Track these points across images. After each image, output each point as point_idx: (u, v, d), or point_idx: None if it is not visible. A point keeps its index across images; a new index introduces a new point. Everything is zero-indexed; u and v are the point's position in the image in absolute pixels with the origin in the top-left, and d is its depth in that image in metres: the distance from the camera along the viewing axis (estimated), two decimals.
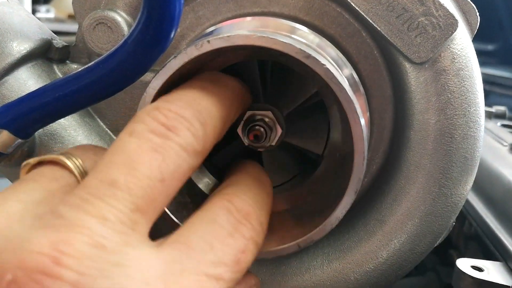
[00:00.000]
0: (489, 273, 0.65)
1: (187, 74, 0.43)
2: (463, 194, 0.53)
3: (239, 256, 0.35)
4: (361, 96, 0.49)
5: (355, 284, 0.54)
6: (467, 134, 0.51)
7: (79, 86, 0.43)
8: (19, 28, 0.55)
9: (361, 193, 0.56)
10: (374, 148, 0.55)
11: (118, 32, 0.53)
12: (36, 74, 0.56)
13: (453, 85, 0.51)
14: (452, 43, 0.51)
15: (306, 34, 0.48)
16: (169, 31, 0.39)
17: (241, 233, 0.36)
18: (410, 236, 0.53)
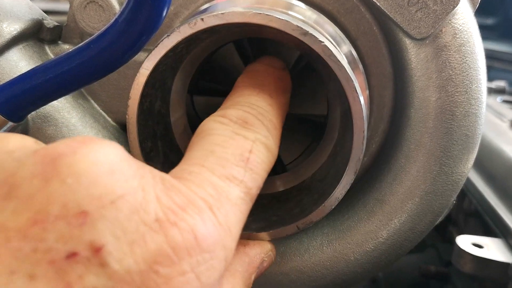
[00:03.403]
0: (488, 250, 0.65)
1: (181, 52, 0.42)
2: (464, 173, 0.53)
3: (246, 155, 0.36)
4: (360, 73, 0.48)
5: (355, 264, 0.54)
6: (468, 112, 0.50)
7: (71, 67, 0.42)
8: (9, 8, 0.54)
9: (361, 173, 0.56)
10: (374, 127, 0.54)
11: (110, 11, 0.52)
12: (28, 55, 0.54)
13: (454, 61, 0.50)
14: (453, 18, 0.49)
15: (303, 10, 0.47)
16: (161, 9, 0.38)
17: (242, 135, 0.37)
18: (410, 215, 0.53)
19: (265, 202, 0.50)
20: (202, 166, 0.34)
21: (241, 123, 0.38)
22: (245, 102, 0.40)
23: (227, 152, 0.35)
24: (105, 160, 0.28)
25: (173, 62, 0.46)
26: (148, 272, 0.26)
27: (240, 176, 0.35)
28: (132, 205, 0.28)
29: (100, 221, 0.26)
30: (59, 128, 0.53)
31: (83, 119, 0.55)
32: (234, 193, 0.33)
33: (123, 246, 0.26)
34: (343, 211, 0.55)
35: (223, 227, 0.31)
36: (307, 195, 0.48)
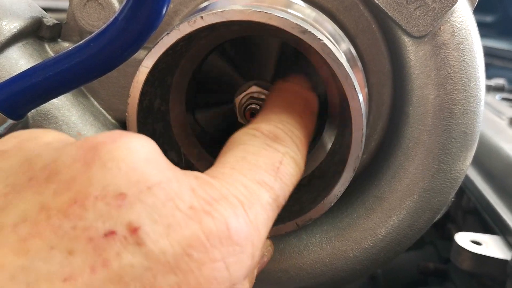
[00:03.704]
0: (487, 247, 0.66)
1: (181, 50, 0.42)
2: (462, 170, 0.53)
3: (277, 165, 0.37)
4: (359, 71, 0.48)
5: (354, 261, 0.54)
6: (466, 109, 0.51)
7: (70, 65, 0.42)
8: (8, 6, 0.54)
9: (360, 170, 0.56)
10: (373, 125, 0.54)
11: (109, 9, 0.52)
12: (27, 53, 0.54)
13: (453, 59, 0.50)
14: (452, 15, 0.50)
15: (303, 8, 0.47)
16: (161, 7, 0.38)
17: (273, 147, 0.38)
18: (409, 212, 0.53)
19: None
20: (233, 169, 0.35)
21: (272, 137, 0.39)
22: (276, 118, 0.42)
23: (258, 160, 0.37)
24: (142, 150, 0.30)
25: (172, 60, 0.46)
26: (182, 255, 0.28)
27: (271, 182, 0.36)
28: (168, 192, 0.29)
29: (137, 204, 0.28)
30: (59, 126, 0.53)
31: (83, 117, 0.55)
32: (264, 197, 0.35)
33: (159, 228, 0.27)
34: (342, 208, 0.55)
35: (253, 225, 0.32)
36: (306, 192, 0.48)
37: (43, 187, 0.28)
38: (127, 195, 0.28)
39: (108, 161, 0.28)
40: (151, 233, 0.27)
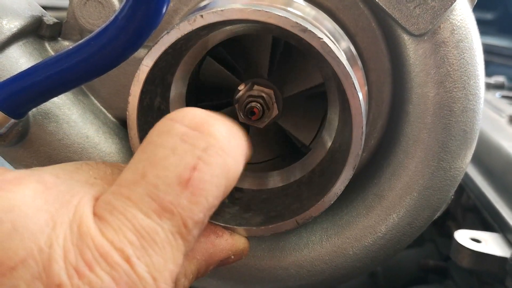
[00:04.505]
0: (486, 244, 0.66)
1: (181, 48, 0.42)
2: (462, 168, 0.53)
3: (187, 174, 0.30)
4: (359, 69, 0.49)
5: (353, 258, 0.54)
6: (466, 107, 0.51)
7: (71, 63, 0.42)
8: (9, 5, 0.54)
9: (360, 168, 0.56)
10: (373, 123, 0.54)
11: (110, 8, 0.52)
12: (28, 52, 0.54)
13: (452, 57, 0.50)
14: (451, 14, 0.50)
15: (303, 6, 0.47)
16: (161, 6, 0.38)
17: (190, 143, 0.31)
18: (409, 210, 0.53)
19: (264, 197, 0.50)
20: (128, 199, 0.30)
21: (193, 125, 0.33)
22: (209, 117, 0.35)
23: (159, 176, 0.30)
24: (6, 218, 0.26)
25: (172, 59, 0.46)
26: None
27: (173, 207, 0.30)
28: (34, 270, 0.25)
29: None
30: (59, 125, 0.54)
31: (83, 115, 0.55)
32: (162, 232, 0.29)
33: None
34: (342, 206, 0.55)
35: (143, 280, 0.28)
36: (307, 190, 0.48)
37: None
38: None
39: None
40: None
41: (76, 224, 0.28)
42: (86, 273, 0.26)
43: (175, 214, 0.30)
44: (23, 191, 0.28)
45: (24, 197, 0.28)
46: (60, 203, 0.29)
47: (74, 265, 0.26)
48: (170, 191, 0.30)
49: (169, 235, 0.30)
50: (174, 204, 0.30)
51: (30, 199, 0.28)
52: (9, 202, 0.27)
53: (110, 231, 0.28)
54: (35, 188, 0.28)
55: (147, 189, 0.30)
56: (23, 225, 0.26)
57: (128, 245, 0.28)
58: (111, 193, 0.31)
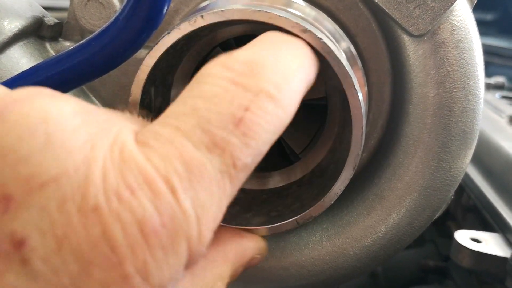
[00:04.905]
0: (487, 244, 0.66)
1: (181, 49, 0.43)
2: (462, 168, 0.53)
3: (240, 114, 0.28)
4: (358, 70, 0.49)
5: (354, 258, 0.54)
6: (466, 108, 0.51)
7: (71, 64, 0.42)
8: (10, 5, 0.54)
9: (360, 168, 0.56)
10: (373, 123, 0.55)
11: (110, 8, 0.52)
12: (29, 52, 0.55)
13: (452, 57, 0.50)
14: (451, 14, 0.50)
15: (303, 7, 0.47)
16: (161, 6, 0.38)
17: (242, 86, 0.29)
18: (409, 210, 0.53)
19: (265, 197, 0.50)
20: (176, 128, 0.27)
21: (247, 69, 0.30)
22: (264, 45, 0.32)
23: (212, 110, 0.28)
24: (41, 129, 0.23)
25: (173, 59, 0.46)
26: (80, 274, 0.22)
27: (224, 143, 0.27)
28: (67, 190, 0.23)
29: (25, 210, 0.22)
30: None
31: None
32: (211, 167, 0.26)
33: (50, 241, 0.22)
34: (342, 206, 0.55)
35: (187, 216, 0.25)
36: (307, 190, 0.49)
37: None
38: (13, 198, 0.22)
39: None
40: (39, 248, 0.22)
41: (118, 147, 0.25)
42: (127, 198, 0.23)
43: (225, 152, 0.27)
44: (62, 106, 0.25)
45: (63, 111, 0.24)
46: (100, 128, 0.26)
47: (114, 188, 0.23)
48: (222, 127, 0.27)
49: (217, 173, 0.27)
50: (225, 141, 0.27)
51: (69, 115, 0.25)
52: (45, 113, 0.24)
53: (156, 157, 0.25)
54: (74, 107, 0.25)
55: (199, 121, 0.27)
56: (59, 140, 0.23)
57: (175, 175, 0.25)
58: (157, 123, 0.28)
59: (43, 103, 0.24)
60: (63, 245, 0.22)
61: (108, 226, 0.23)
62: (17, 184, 0.22)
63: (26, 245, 0.22)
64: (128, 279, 0.23)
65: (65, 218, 0.22)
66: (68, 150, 0.23)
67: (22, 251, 0.22)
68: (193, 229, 0.25)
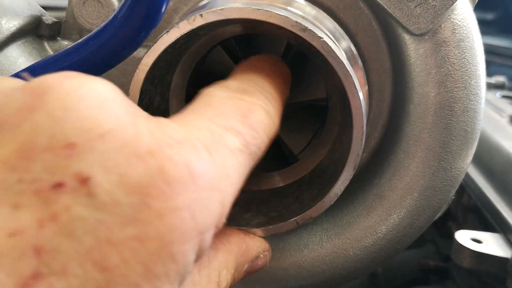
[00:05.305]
0: (487, 245, 0.66)
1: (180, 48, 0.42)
2: (463, 168, 0.53)
3: (245, 112, 0.35)
4: (359, 69, 0.48)
5: (354, 259, 0.54)
6: (467, 107, 0.51)
7: (69, 63, 0.42)
8: (8, 4, 0.54)
9: (360, 168, 0.56)
10: (373, 123, 0.54)
11: (109, 7, 0.52)
12: (27, 51, 0.54)
13: (453, 56, 0.50)
14: (452, 13, 0.49)
15: (303, 6, 0.47)
16: (160, 5, 0.38)
17: (241, 98, 0.36)
18: (409, 210, 0.53)
19: (265, 198, 0.50)
20: (198, 114, 0.33)
21: (240, 90, 0.37)
22: (245, 78, 0.39)
23: (225, 107, 0.34)
24: (94, 95, 0.28)
25: (172, 58, 0.46)
26: (139, 205, 0.25)
27: (239, 128, 0.33)
28: (123, 138, 0.27)
29: (88, 153, 0.26)
30: None
31: None
32: (232, 142, 0.32)
33: (113, 177, 0.25)
34: (343, 206, 0.55)
35: (220, 169, 0.30)
36: (307, 190, 0.48)
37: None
38: (76, 145, 0.26)
39: (56, 109, 0.26)
40: (103, 182, 0.25)
41: (153, 119, 0.29)
42: (176, 146, 0.28)
43: (240, 134, 0.33)
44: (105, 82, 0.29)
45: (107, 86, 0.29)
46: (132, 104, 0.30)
47: (163, 139, 0.28)
48: (235, 118, 0.34)
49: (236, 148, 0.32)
50: (240, 127, 0.33)
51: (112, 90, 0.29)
52: (95, 85, 0.28)
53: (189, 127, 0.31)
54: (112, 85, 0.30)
55: (216, 112, 0.33)
56: (109, 105, 0.28)
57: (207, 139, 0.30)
58: (179, 114, 0.33)
59: (92, 79, 0.29)
60: (124, 179, 0.25)
61: (163, 165, 0.26)
62: (79, 134, 0.26)
63: (91, 181, 0.25)
64: (180, 211, 0.26)
65: (125, 159, 0.26)
66: (117, 113, 0.28)
67: (88, 185, 0.25)
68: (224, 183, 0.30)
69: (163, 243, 0.26)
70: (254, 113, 0.35)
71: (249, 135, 0.34)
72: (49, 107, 0.26)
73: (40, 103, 0.26)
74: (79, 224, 0.24)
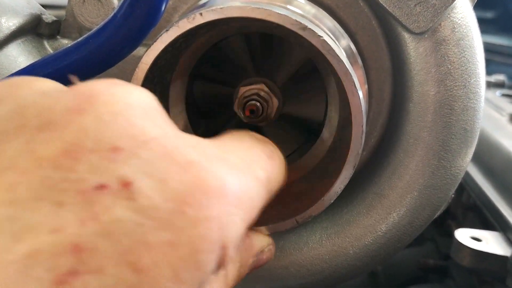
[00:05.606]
0: (487, 243, 0.66)
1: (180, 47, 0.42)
2: (462, 166, 0.53)
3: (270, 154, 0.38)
4: (359, 68, 0.48)
5: (353, 257, 0.54)
6: (467, 106, 0.51)
7: (69, 62, 0.42)
8: (7, 3, 0.54)
9: (360, 167, 0.56)
10: (373, 121, 0.54)
11: (108, 6, 0.52)
12: (27, 50, 0.54)
13: (453, 55, 0.50)
14: (452, 12, 0.49)
15: (302, 4, 0.47)
16: (159, 3, 0.38)
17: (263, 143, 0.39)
18: (409, 209, 0.53)
19: None
20: (233, 143, 0.36)
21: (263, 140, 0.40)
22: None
23: (254, 144, 0.37)
24: (140, 103, 0.29)
25: (171, 57, 0.46)
26: (175, 211, 0.27)
27: (264, 163, 0.36)
28: (165, 147, 0.28)
29: (132, 158, 0.27)
30: None
31: None
32: (259, 172, 0.34)
33: (153, 183, 0.27)
34: (342, 205, 0.55)
35: (247, 190, 0.32)
36: (306, 189, 0.48)
37: (34, 135, 0.27)
38: (121, 149, 0.27)
39: (105, 113, 0.27)
40: (144, 188, 0.26)
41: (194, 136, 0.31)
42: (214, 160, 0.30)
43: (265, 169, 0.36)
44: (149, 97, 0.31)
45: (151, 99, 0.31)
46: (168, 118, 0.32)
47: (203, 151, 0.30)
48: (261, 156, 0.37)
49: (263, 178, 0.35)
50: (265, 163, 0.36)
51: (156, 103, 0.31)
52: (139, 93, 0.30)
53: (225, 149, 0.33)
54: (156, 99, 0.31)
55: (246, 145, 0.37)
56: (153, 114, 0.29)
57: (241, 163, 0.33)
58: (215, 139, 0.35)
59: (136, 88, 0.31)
60: (164, 187, 0.27)
61: (202, 176, 0.28)
62: (125, 139, 0.27)
63: (133, 185, 0.26)
64: (211, 222, 0.28)
65: (166, 167, 0.27)
66: (160, 124, 0.29)
67: (129, 189, 0.26)
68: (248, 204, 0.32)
69: (192, 250, 0.27)
70: (274, 157, 0.38)
71: (272, 172, 0.37)
72: (98, 110, 0.27)
73: (89, 106, 0.27)
74: (118, 225, 0.25)
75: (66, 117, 0.27)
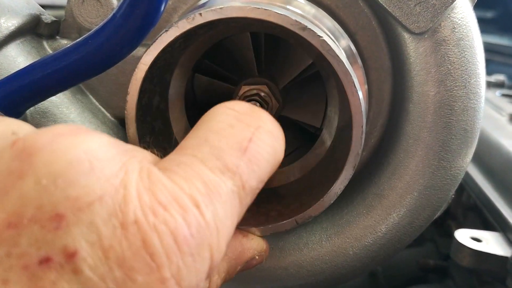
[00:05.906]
0: (487, 244, 0.66)
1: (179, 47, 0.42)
2: (462, 167, 0.53)
3: (245, 144, 0.33)
4: (359, 68, 0.48)
5: (353, 258, 0.54)
6: (467, 106, 0.50)
7: (69, 62, 0.42)
8: (7, 3, 0.54)
9: (360, 167, 0.56)
10: (373, 122, 0.54)
11: (108, 6, 0.52)
12: (26, 50, 0.54)
13: (453, 55, 0.50)
14: (452, 12, 0.49)
15: (302, 4, 0.47)
16: (159, 4, 0.38)
17: (244, 122, 0.34)
18: (409, 209, 0.53)
19: (264, 197, 0.50)
20: (193, 156, 0.32)
21: (245, 111, 0.35)
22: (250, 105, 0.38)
23: (222, 141, 0.33)
24: (85, 157, 0.27)
25: (171, 57, 0.45)
26: (124, 280, 0.25)
27: (234, 167, 0.32)
28: (111, 207, 0.26)
29: (75, 226, 0.25)
30: (57, 123, 0.53)
31: (81, 114, 0.55)
32: (225, 187, 0.31)
33: (98, 252, 0.25)
34: (342, 205, 0.55)
35: (209, 227, 0.29)
36: (306, 189, 0.48)
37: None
38: (62, 216, 0.25)
39: (44, 176, 0.26)
40: (88, 258, 0.25)
41: (146, 173, 0.29)
42: (161, 213, 0.27)
43: (236, 175, 0.32)
44: (97, 139, 0.29)
45: (100, 143, 0.29)
46: (129, 157, 0.30)
47: (149, 205, 0.27)
48: (232, 153, 0.32)
49: (230, 193, 0.31)
50: (235, 165, 0.32)
51: (105, 147, 0.29)
52: (87, 145, 0.28)
53: (180, 179, 0.30)
54: (107, 139, 0.30)
55: (211, 150, 0.32)
56: (100, 166, 0.27)
57: (197, 193, 0.29)
58: (175, 153, 0.32)
59: (84, 137, 0.29)
60: (109, 254, 0.25)
61: (147, 237, 0.26)
62: (67, 203, 0.26)
63: (77, 256, 0.25)
64: (165, 282, 0.26)
65: (110, 231, 0.26)
66: (108, 175, 0.27)
67: (74, 261, 0.25)
68: (214, 237, 0.29)
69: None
70: (255, 142, 0.34)
71: (247, 173, 0.33)
72: (37, 173, 0.26)
73: (29, 167, 0.26)
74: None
75: (7, 183, 0.26)
